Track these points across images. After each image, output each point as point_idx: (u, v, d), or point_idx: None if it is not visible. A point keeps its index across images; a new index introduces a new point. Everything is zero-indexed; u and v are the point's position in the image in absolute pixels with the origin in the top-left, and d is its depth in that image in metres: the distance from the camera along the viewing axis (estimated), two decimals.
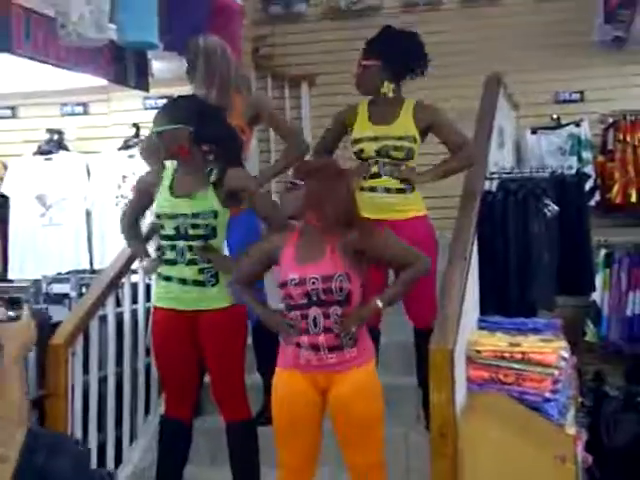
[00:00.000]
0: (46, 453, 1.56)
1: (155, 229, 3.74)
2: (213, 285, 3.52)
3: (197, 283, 3.52)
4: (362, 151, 4.03)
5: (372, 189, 4.01)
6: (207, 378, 3.80)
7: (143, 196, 3.69)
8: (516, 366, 3.48)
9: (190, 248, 3.50)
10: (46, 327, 3.71)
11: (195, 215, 3.49)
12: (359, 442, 3.13)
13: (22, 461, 1.50)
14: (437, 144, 4.16)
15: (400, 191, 4.01)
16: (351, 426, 3.11)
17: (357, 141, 4.06)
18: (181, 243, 3.52)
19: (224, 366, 3.57)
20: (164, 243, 3.59)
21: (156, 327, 3.67)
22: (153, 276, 4.14)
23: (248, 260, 3.34)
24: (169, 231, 3.54)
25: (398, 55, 4.06)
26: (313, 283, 3.05)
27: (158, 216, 3.58)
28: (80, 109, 6.41)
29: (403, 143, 3.99)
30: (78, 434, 3.77)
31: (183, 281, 3.52)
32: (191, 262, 3.51)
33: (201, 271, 3.51)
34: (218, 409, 3.69)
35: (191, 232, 3.51)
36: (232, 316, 3.54)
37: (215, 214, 3.51)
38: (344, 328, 3.06)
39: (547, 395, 3.41)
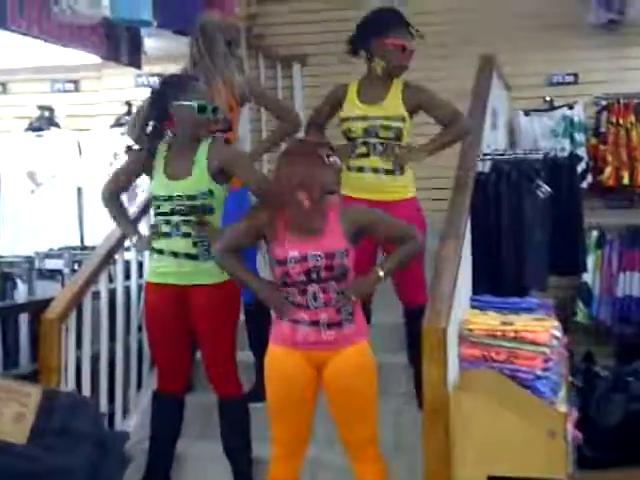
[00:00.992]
0: (65, 413, 1.57)
1: (145, 209, 3.74)
2: (206, 259, 3.52)
3: (190, 256, 3.52)
4: (350, 130, 4.02)
5: (359, 169, 4.00)
6: (199, 354, 3.80)
7: (130, 172, 3.69)
8: (508, 344, 3.49)
9: (185, 222, 3.51)
10: None
11: (190, 197, 3.50)
12: (355, 418, 3.15)
13: (39, 420, 1.52)
14: (430, 125, 4.15)
15: (388, 172, 3.99)
16: (347, 403, 3.13)
17: (345, 120, 4.04)
18: (176, 218, 3.53)
19: (216, 342, 3.58)
20: (159, 219, 3.59)
21: (148, 302, 3.67)
22: (146, 253, 4.16)
23: (235, 231, 3.27)
24: (165, 209, 3.55)
25: None
26: (317, 260, 3.05)
27: (155, 198, 3.59)
28: (71, 86, 6.39)
29: (391, 123, 3.97)
30: None
31: (175, 254, 3.52)
32: (186, 235, 3.52)
33: (195, 244, 3.52)
34: (209, 385, 3.70)
35: (186, 210, 3.52)
36: (225, 292, 3.55)
37: (211, 193, 3.51)
38: (346, 300, 3.07)
39: (539, 373, 3.43)
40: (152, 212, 3.80)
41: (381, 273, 3.17)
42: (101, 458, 1.55)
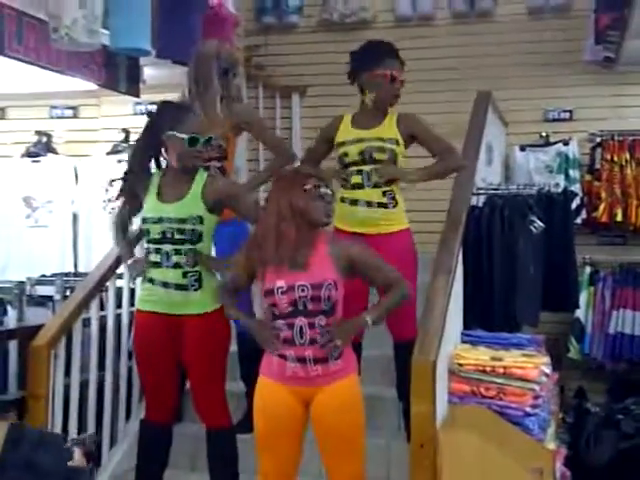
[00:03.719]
0: (31, 446, 1.56)
1: (142, 234, 3.73)
2: (196, 289, 3.52)
3: (180, 287, 3.52)
4: (346, 154, 4.03)
5: (353, 202, 4.01)
6: (189, 384, 3.79)
7: (131, 199, 3.70)
8: (498, 380, 3.50)
9: (176, 251, 3.51)
10: None
11: (181, 220, 3.49)
12: (341, 453, 3.12)
13: (5, 454, 1.51)
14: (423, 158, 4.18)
15: (381, 205, 4.00)
16: (333, 437, 3.11)
17: (341, 144, 4.06)
18: (167, 247, 3.52)
19: (204, 372, 3.57)
20: (150, 246, 3.59)
21: (138, 330, 3.66)
22: (138, 280, 4.17)
23: (234, 267, 3.33)
24: (155, 235, 3.54)
25: None
26: (302, 291, 3.04)
27: (144, 220, 3.59)
28: (70, 112, 6.42)
29: (385, 145, 3.98)
30: None
31: (166, 284, 3.52)
32: (176, 265, 3.51)
33: (185, 275, 3.51)
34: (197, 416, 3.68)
35: (177, 236, 3.51)
36: (214, 322, 3.54)
37: (201, 219, 3.51)
38: (329, 341, 3.04)
39: (528, 410, 3.43)
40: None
41: (369, 319, 3.13)
42: None
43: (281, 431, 3.13)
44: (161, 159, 3.65)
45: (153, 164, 3.65)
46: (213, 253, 3.91)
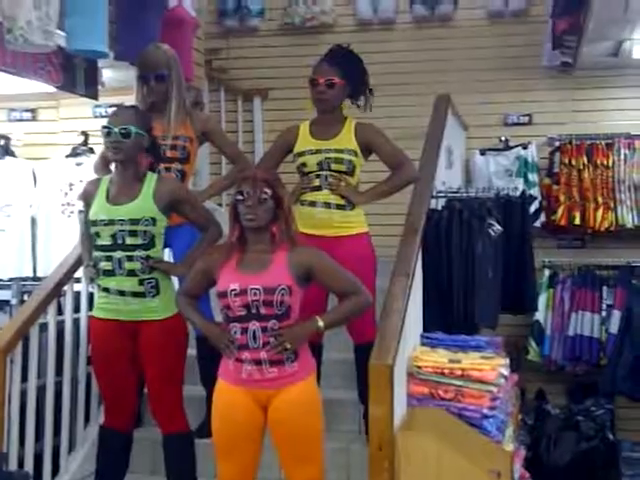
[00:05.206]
0: None
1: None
2: (154, 296, 3.51)
3: (137, 294, 3.49)
4: (304, 165, 4.05)
5: (312, 203, 4.02)
6: None
7: (88, 206, 3.66)
8: (456, 382, 3.52)
9: (129, 258, 3.47)
10: None
11: (134, 221, 3.46)
12: (299, 457, 3.11)
13: None
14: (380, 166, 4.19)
15: (340, 207, 4.01)
16: (291, 441, 3.10)
17: (299, 154, 4.08)
18: (118, 254, 3.47)
19: (162, 376, 3.54)
20: (98, 254, 3.53)
21: (95, 337, 3.63)
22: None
23: (189, 279, 3.31)
24: (105, 240, 3.49)
25: (359, 76, 4.13)
26: (255, 294, 3.03)
27: (94, 223, 3.52)
28: (28, 115, 6.34)
29: (344, 156, 4.00)
30: (15, 442, 3.71)
31: (122, 293, 3.49)
32: (130, 273, 3.48)
33: (141, 282, 3.48)
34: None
35: (129, 241, 3.46)
36: (172, 326, 3.52)
37: (154, 221, 3.49)
38: (279, 344, 3.03)
39: (485, 412, 3.45)
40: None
41: (321, 324, 3.11)
42: None
43: (239, 435, 3.11)
44: None
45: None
46: (167, 257, 3.91)
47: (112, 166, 3.75)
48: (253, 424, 3.12)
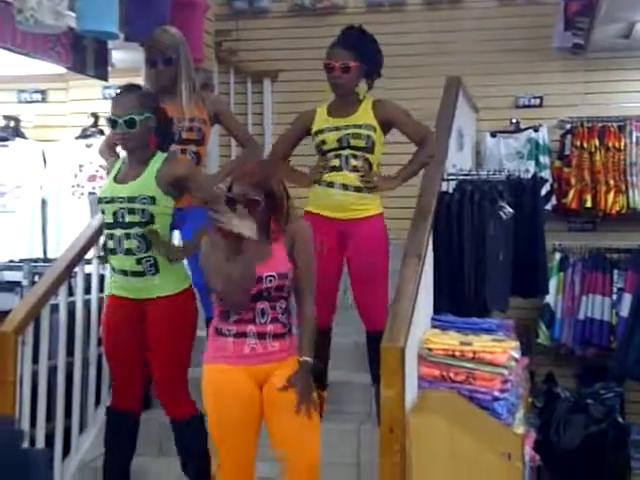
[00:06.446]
0: None
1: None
2: (154, 274, 3.51)
3: (137, 274, 3.51)
4: (324, 142, 4.03)
5: (329, 184, 4.01)
6: None
7: None
8: (467, 365, 3.51)
9: (127, 236, 3.48)
10: None
11: (131, 199, 3.47)
12: (295, 440, 3.08)
13: None
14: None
15: (357, 190, 4.00)
16: (284, 416, 3.07)
17: (318, 132, 4.05)
18: (118, 232, 3.50)
19: (167, 357, 3.53)
20: (105, 232, 3.60)
21: (106, 315, 3.67)
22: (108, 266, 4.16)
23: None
24: (108, 218, 3.54)
25: (373, 56, 4.09)
26: (270, 281, 3.07)
27: (99, 201, 3.59)
28: (38, 96, 6.34)
29: (362, 131, 3.98)
30: (26, 423, 3.72)
31: (124, 272, 3.52)
32: (128, 252, 3.50)
33: (139, 261, 3.50)
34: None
35: (128, 219, 3.48)
36: (179, 305, 3.53)
37: (153, 200, 3.48)
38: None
39: (496, 394, 3.45)
40: None
41: (308, 359, 3.11)
42: (20, 478, 1.51)
43: (236, 418, 3.10)
44: None
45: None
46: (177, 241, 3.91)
47: (118, 148, 3.76)
48: (252, 403, 3.11)
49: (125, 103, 3.51)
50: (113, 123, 3.50)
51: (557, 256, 6.32)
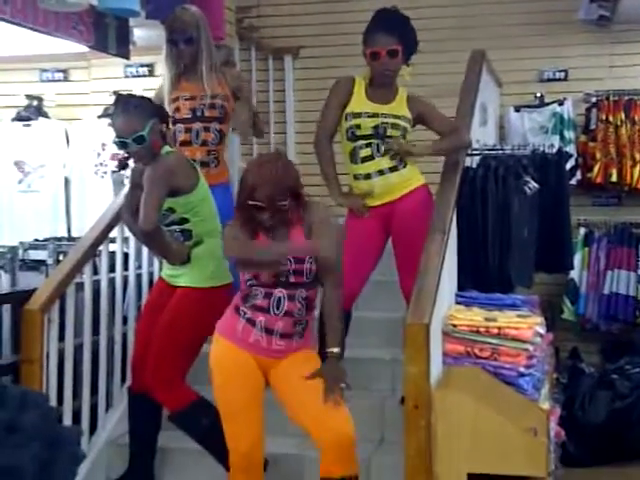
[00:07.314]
0: (15, 407, 1.54)
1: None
2: (181, 264, 3.58)
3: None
4: (358, 127, 3.95)
5: (367, 176, 3.98)
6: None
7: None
8: (492, 341, 3.49)
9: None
10: None
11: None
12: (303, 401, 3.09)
13: None
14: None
15: (393, 169, 3.98)
16: (298, 389, 3.10)
17: (356, 115, 3.96)
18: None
19: (163, 343, 3.53)
20: None
21: (150, 294, 3.86)
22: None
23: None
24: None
25: (412, 39, 4.04)
26: (285, 265, 3.04)
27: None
28: (60, 75, 6.36)
29: (400, 122, 3.97)
30: (53, 400, 3.75)
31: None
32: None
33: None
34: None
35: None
36: (189, 299, 3.55)
37: (172, 210, 3.53)
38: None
39: (522, 370, 3.43)
40: None
41: (335, 350, 3.12)
42: (52, 456, 1.51)
43: (244, 396, 3.13)
44: None
45: None
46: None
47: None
48: (252, 376, 3.14)
49: (126, 122, 3.44)
50: (123, 145, 3.46)
51: (582, 231, 6.26)
